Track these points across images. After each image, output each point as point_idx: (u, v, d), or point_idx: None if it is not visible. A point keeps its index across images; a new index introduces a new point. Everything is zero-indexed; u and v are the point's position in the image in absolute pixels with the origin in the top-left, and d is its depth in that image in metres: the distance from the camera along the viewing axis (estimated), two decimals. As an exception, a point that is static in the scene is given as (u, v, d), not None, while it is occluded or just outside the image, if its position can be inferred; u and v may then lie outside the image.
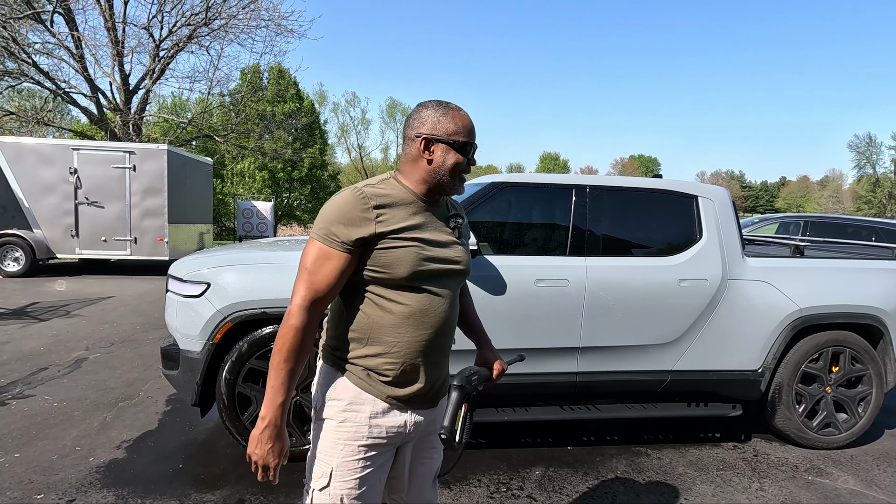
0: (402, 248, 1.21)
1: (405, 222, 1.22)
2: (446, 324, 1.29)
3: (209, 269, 2.83)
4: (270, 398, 1.19)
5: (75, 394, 3.79)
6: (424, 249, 1.24)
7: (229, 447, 3.01)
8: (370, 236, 1.19)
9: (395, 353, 1.24)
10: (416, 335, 1.25)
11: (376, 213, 1.19)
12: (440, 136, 1.25)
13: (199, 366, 2.76)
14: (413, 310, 1.24)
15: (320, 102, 33.69)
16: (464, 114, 1.29)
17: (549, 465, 2.95)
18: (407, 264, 1.21)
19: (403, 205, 1.24)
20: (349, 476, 1.24)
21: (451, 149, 1.26)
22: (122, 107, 13.93)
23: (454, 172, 1.27)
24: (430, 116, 1.27)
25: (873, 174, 57.97)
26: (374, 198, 1.20)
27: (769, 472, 2.98)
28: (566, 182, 3.12)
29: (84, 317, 6.32)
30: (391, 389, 1.26)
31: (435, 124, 1.26)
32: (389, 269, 1.21)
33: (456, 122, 1.26)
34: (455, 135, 1.26)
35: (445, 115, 1.27)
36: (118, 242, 9.96)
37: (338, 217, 1.19)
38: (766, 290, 3.15)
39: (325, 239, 1.19)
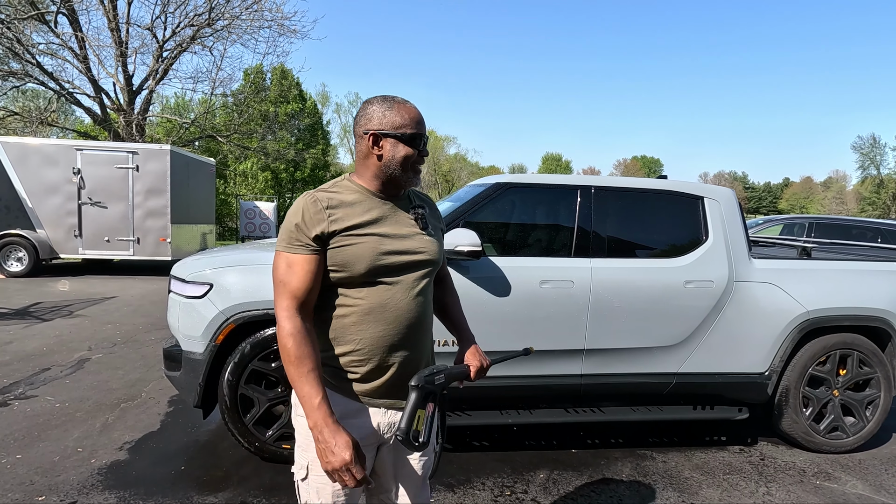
0: (358, 244, 1.23)
1: (359, 219, 1.24)
2: (411, 317, 1.28)
3: (212, 269, 2.82)
4: (307, 404, 1.17)
5: (77, 394, 3.79)
6: (383, 243, 1.25)
7: (231, 449, 3.00)
8: (325, 234, 1.22)
9: (360, 351, 1.26)
10: (379, 331, 1.25)
11: (329, 212, 1.23)
12: (387, 131, 1.25)
13: (201, 367, 2.75)
14: (372, 305, 1.25)
15: (323, 103, 33.74)
16: (410, 106, 1.29)
17: (554, 468, 2.93)
18: (365, 260, 1.22)
19: (357, 203, 1.27)
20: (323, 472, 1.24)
21: (399, 142, 1.26)
22: (126, 107, 13.97)
23: (405, 165, 1.27)
24: (377, 112, 1.27)
25: (877, 175, 57.73)
26: (324, 200, 1.24)
27: (776, 476, 2.95)
28: (571, 183, 3.10)
29: (87, 317, 6.32)
30: (362, 386, 1.28)
31: (381, 119, 1.26)
32: (348, 267, 1.22)
33: (402, 114, 1.26)
34: (402, 127, 1.26)
35: (391, 109, 1.27)
36: (121, 243, 9.97)
37: (294, 224, 1.23)
38: (773, 291, 3.12)
39: (288, 248, 1.23)
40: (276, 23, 14.08)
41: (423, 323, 1.33)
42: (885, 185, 55.37)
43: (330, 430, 1.15)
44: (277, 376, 2.79)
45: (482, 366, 1.39)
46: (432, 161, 42.25)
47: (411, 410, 1.21)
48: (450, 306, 1.54)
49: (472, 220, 2.98)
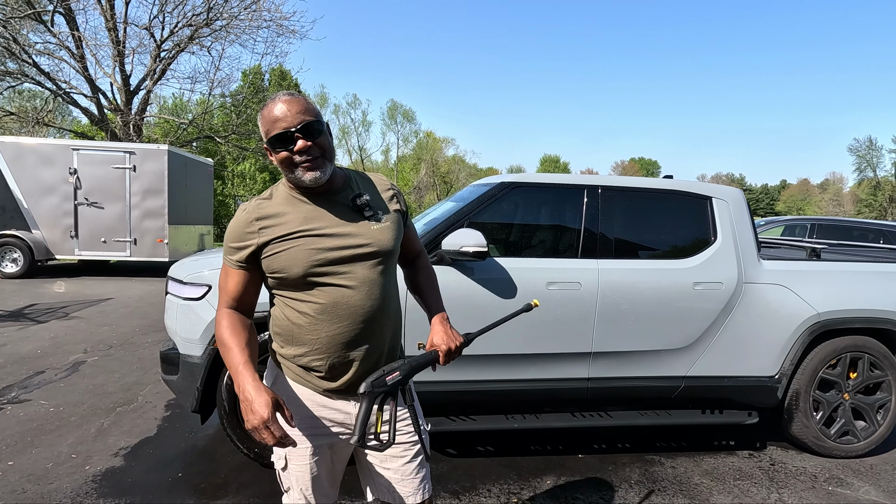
0: (291, 248, 1.21)
1: (291, 224, 1.23)
2: (366, 312, 1.25)
3: (211, 270, 2.75)
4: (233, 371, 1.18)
5: (72, 398, 3.70)
6: (318, 242, 1.22)
7: (230, 455, 2.92)
8: (257, 247, 1.23)
9: (319, 350, 1.26)
10: (334, 329, 1.24)
11: (259, 224, 1.24)
12: (265, 141, 1.23)
13: (199, 371, 2.68)
14: (324, 306, 1.23)
15: (321, 104, 33.68)
16: (271, 105, 1.20)
17: (560, 473, 2.86)
18: (300, 262, 1.21)
19: (288, 206, 1.26)
20: (301, 461, 1.32)
21: (271, 150, 1.23)
22: (123, 107, 13.88)
23: (288, 167, 1.22)
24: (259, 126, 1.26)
25: (874, 177, 57.94)
26: (256, 210, 1.25)
27: (787, 482, 2.89)
28: (577, 182, 3.04)
29: (82, 319, 6.23)
30: (326, 383, 1.29)
31: (261, 130, 1.24)
32: (285, 271, 1.22)
33: (265, 119, 1.21)
34: (267, 133, 1.21)
35: (260, 118, 1.24)
36: (118, 243, 9.88)
37: (229, 238, 1.27)
38: (783, 293, 3.07)
39: (224, 258, 1.30)
40: (275, 23, 14.03)
41: (382, 315, 1.28)
42: (882, 188, 55.57)
43: (252, 388, 1.14)
44: (278, 380, 2.72)
45: (451, 348, 1.31)
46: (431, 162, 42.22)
47: (363, 418, 1.20)
48: (421, 285, 1.49)
49: (477, 221, 2.92)
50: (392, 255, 1.31)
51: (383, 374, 1.24)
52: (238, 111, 16.87)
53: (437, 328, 1.36)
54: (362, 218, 1.28)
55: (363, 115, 43.77)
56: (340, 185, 1.30)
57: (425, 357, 1.31)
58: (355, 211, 1.28)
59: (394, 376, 1.24)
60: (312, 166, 1.21)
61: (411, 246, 1.50)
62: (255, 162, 24.04)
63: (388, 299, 1.30)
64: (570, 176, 3.15)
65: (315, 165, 1.21)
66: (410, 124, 44.31)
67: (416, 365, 1.28)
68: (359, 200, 1.28)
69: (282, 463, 1.35)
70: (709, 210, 3.13)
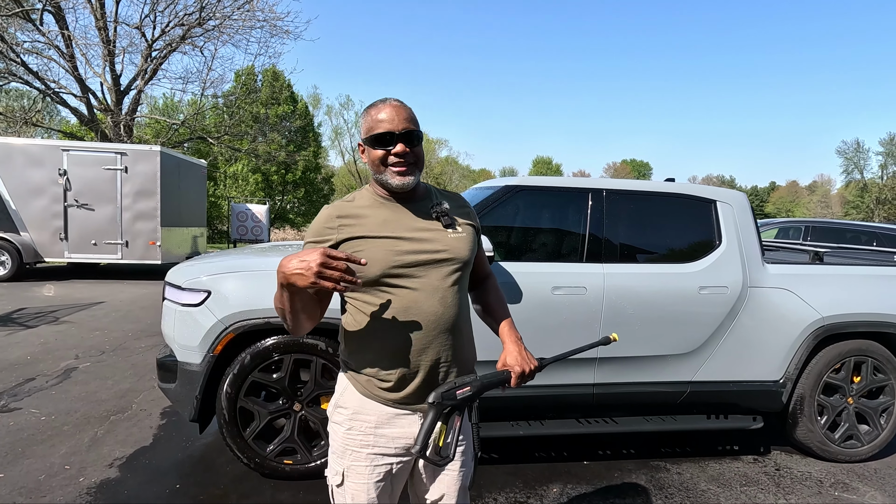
0: (371, 248, 1.23)
1: (371, 225, 1.26)
2: (438, 319, 1.24)
3: (210, 276, 2.68)
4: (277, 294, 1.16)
5: (64, 406, 3.61)
6: (396, 244, 1.24)
7: (229, 464, 2.85)
8: (335, 243, 1.25)
9: (387, 357, 1.25)
10: (406, 336, 1.23)
11: (339, 221, 1.27)
12: (363, 137, 1.28)
13: (198, 379, 2.61)
14: (395, 310, 1.23)
15: (314, 105, 33.51)
16: (380, 105, 1.26)
17: (567, 481, 2.82)
18: (378, 262, 1.21)
19: (371, 208, 1.29)
20: (360, 479, 1.28)
21: (368, 146, 1.27)
22: (113, 107, 13.68)
23: (378, 167, 1.26)
24: (362, 122, 1.30)
25: (861, 179, 58.74)
26: (339, 209, 1.29)
27: (794, 487, 2.87)
28: (582, 185, 3.01)
29: (73, 323, 6.11)
30: (394, 395, 1.26)
31: (362, 128, 1.29)
32: (360, 272, 1.20)
33: (371, 118, 1.26)
34: (370, 131, 1.26)
35: (365, 115, 1.28)
36: (109, 246, 9.72)
37: (310, 234, 1.30)
38: (788, 297, 3.05)
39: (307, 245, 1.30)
40: (269, 23, 13.90)
41: (454, 325, 1.27)
42: (869, 189, 56.35)
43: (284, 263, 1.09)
44: (279, 388, 2.65)
45: (525, 371, 1.29)
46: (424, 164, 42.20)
47: (428, 428, 1.18)
48: (492, 304, 1.47)
49: (482, 224, 2.87)
50: (467, 266, 1.32)
51: (454, 387, 1.22)
52: (231, 112, 16.72)
53: (511, 348, 1.34)
54: (440, 226, 1.31)
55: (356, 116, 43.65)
56: (422, 195, 1.35)
57: (497, 376, 1.27)
58: (433, 219, 1.31)
59: (464, 391, 1.22)
60: (404, 171, 1.25)
61: (482, 267, 1.50)
62: (248, 163, 23.84)
63: (460, 309, 1.30)
64: (575, 179, 3.12)
65: (406, 171, 1.25)
66: (404, 125, 44.23)
67: (487, 383, 1.25)
68: (438, 209, 1.32)
69: (338, 479, 1.30)
70: (713, 213, 3.11)
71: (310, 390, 2.68)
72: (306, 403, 2.69)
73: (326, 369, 2.67)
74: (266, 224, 14.75)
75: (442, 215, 1.31)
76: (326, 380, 2.68)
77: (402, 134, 1.23)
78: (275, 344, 2.62)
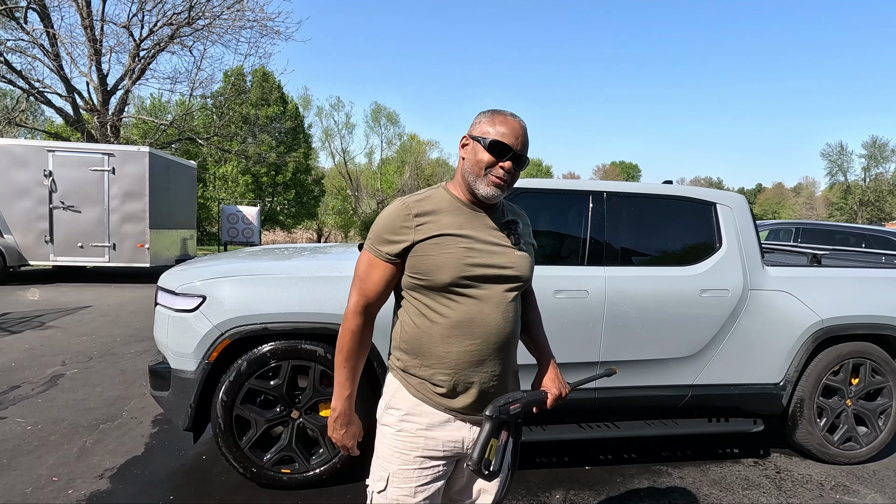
0: (444, 253, 1.22)
1: (446, 228, 1.24)
2: (499, 333, 1.26)
3: (205, 280, 2.61)
4: (338, 392, 1.31)
5: (51, 415, 3.50)
6: (469, 253, 1.23)
7: (224, 474, 2.77)
8: (411, 244, 1.23)
9: (447, 365, 1.25)
10: (466, 346, 1.24)
11: (416, 221, 1.23)
12: (475, 135, 1.27)
13: (193, 387, 2.53)
14: (459, 318, 1.23)
15: (304, 106, 33.27)
16: (507, 118, 1.27)
17: (570, 487, 2.79)
18: (449, 269, 1.21)
19: (447, 211, 1.27)
20: (405, 483, 1.27)
21: (479, 145, 1.25)
22: (100, 108, 13.45)
23: (478, 170, 1.25)
24: (476, 120, 1.30)
25: (844, 182, 59.70)
26: (415, 206, 1.26)
27: (795, 490, 2.86)
28: (583, 188, 2.98)
29: (59, 328, 5.96)
30: (447, 401, 1.27)
31: (476, 125, 1.29)
32: (431, 275, 1.22)
33: (495, 123, 1.25)
34: (487, 134, 1.25)
35: (488, 117, 1.28)
36: (96, 249, 9.53)
37: (383, 228, 1.25)
38: (788, 300, 3.05)
39: (372, 249, 1.27)
40: (259, 23, 13.77)
41: (511, 340, 1.30)
42: (852, 191, 57.30)
43: (348, 419, 1.33)
44: (276, 395, 2.59)
45: (561, 394, 1.35)
46: (415, 165, 42.11)
47: (484, 441, 1.19)
48: (532, 323, 1.48)
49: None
50: (527, 284, 1.34)
51: (508, 401, 1.23)
52: (220, 113, 16.52)
53: (550, 372, 1.39)
54: (509, 242, 1.31)
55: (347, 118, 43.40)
56: (496, 206, 1.34)
57: (536, 396, 1.30)
58: (505, 233, 1.31)
59: (515, 406, 1.23)
60: (499, 185, 1.24)
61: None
62: (237, 164, 23.60)
63: (517, 327, 1.32)
64: (576, 181, 3.09)
65: (501, 186, 1.25)
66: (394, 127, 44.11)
67: (530, 401, 1.28)
68: (511, 225, 1.33)
69: (381, 485, 1.29)
70: (713, 216, 3.10)
71: (308, 397, 2.61)
72: (304, 411, 2.62)
73: (325, 375, 2.61)
74: (257, 226, 14.60)
75: (513, 232, 1.32)
76: (325, 386, 2.62)
77: (517, 154, 1.25)
78: (272, 350, 2.56)
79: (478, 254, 1.24)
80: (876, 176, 55.85)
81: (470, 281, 1.23)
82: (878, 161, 55.59)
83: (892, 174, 56.75)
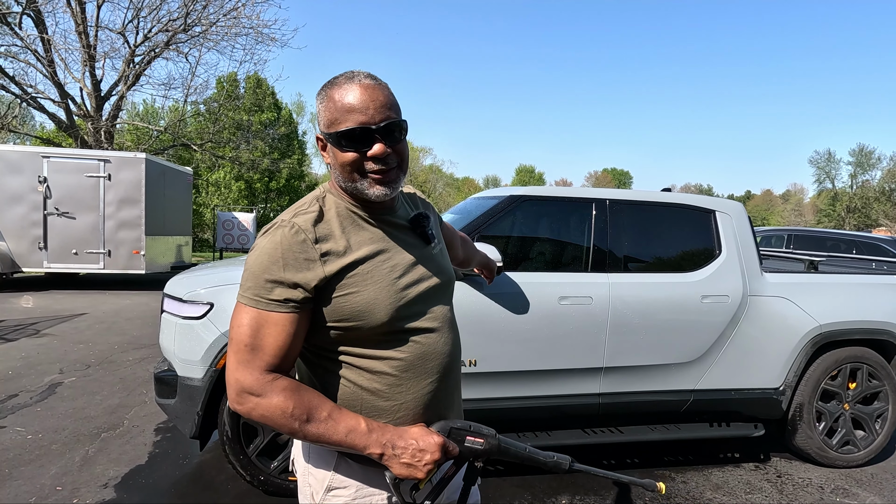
0: (370, 284, 0.92)
1: (358, 250, 0.93)
2: (452, 357, 1.02)
3: (212, 287, 2.61)
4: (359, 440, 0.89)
5: (51, 424, 3.47)
6: (394, 275, 0.95)
7: (230, 482, 2.77)
8: (322, 281, 0.89)
9: (403, 417, 0.97)
10: (423, 387, 0.98)
11: (319, 248, 0.89)
12: (323, 131, 0.94)
13: (200, 394, 2.53)
14: (411, 359, 0.96)
15: (298, 113, 33.31)
16: (347, 84, 0.91)
17: (575, 492, 2.81)
18: (382, 303, 0.91)
19: (349, 227, 0.95)
20: None
21: (333, 145, 0.93)
22: (94, 113, 13.38)
23: (349, 175, 0.93)
24: (317, 106, 0.95)
25: (832, 188, 60.51)
26: (310, 228, 0.90)
27: (797, 494, 2.90)
28: (586, 196, 3.03)
29: (55, 336, 5.90)
30: None
31: (319, 116, 0.95)
32: (363, 318, 0.91)
33: (335, 104, 0.90)
34: (334, 124, 0.91)
35: (324, 99, 0.93)
36: (90, 255, 9.45)
37: (270, 266, 0.87)
38: (786, 306, 3.11)
39: (256, 300, 0.88)
40: (255, 30, 13.80)
41: (459, 359, 1.07)
42: (840, 198, 58.10)
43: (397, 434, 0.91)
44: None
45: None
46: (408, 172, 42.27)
47: None
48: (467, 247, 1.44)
49: (487, 234, 2.87)
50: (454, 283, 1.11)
51: (469, 429, 0.98)
52: (214, 118, 16.49)
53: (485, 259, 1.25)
54: (424, 242, 1.04)
55: (341, 124, 43.54)
56: (397, 202, 1.05)
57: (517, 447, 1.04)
58: (416, 234, 1.03)
59: (476, 441, 0.98)
60: (385, 179, 0.93)
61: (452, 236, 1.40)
62: (231, 170, 23.53)
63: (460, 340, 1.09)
64: (579, 189, 3.14)
65: (388, 178, 0.93)
66: (388, 134, 44.33)
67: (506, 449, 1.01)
68: (422, 221, 1.04)
69: None
70: (713, 223, 3.16)
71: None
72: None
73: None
74: (253, 232, 14.54)
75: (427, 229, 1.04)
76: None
77: (382, 128, 0.90)
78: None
79: (403, 272, 0.96)
80: (863, 183, 56.69)
81: (410, 308, 0.95)
82: (864, 168, 56.46)
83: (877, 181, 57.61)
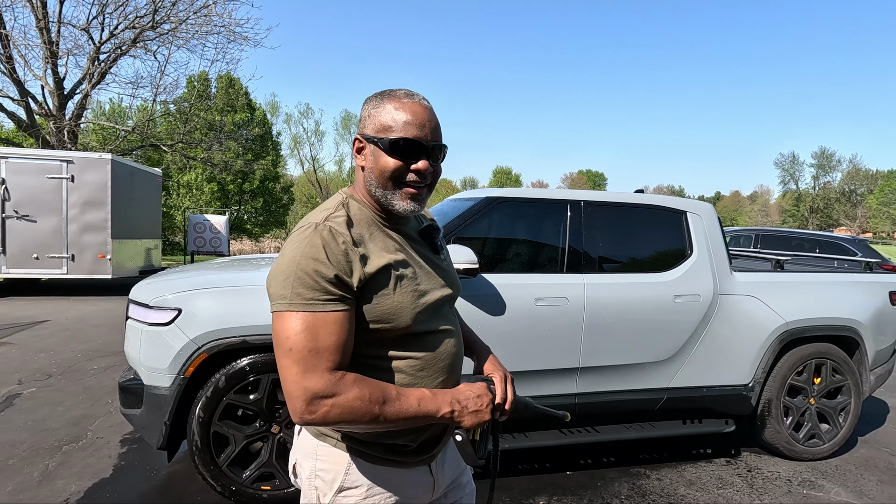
0: (398, 287, 0.98)
1: (385, 255, 0.98)
2: (458, 361, 1.12)
3: (180, 293, 2.53)
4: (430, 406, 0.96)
5: (8, 437, 3.30)
6: (415, 282, 1.01)
7: (200, 493, 2.68)
8: (360, 284, 0.93)
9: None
10: (435, 384, 1.05)
11: (358, 251, 0.95)
12: (369, 134, 0.99)
13: (167, 403, 2.44)
14: (426, 360, 1.03)
15: (273, 113, 32.76)
16: (406, 101, 0.98)
17: (553, 493, 2.82)
18: (407, 307, 0.98)
19: (376, 233, 1.01)
20: None
21: (378, 149, 0.97)
22: (56, 112, 12.87)
23: (385, 182, 0.98)
24: (366, 112, 1.01)
25: (796, 190, 62.73)
26: (345, 231, 0.95)
27: (766, 487, 2.98)
28: (561, 197, 3.05)
29: (14, 345, 5.63)
30: (422, 455, 1.08)
31: (367, 121, 1.00)
32: (390, 320, 0.97)
33: (390, 114, 0.97)
34: (386, 130, 0.97)
35: (380, 104, 0.99)
36: (52, 260, 9.07)
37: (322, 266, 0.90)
38: (754, 304, 3.19)
39: (313, 304, 0.89)
40: (227, 29, 13.50)
41: (462, 358, 1.16)
42: (803, 199, 60.23)
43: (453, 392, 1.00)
44: (256, 410, 2.52)
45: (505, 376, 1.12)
46: (386, 173, 42.01)
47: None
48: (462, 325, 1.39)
49: (463, 236, 2.86)
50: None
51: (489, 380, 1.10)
52: (184, 119, 16.07)
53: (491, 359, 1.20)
54: (436, 253, 1.11)
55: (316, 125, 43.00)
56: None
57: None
58: (428, 245, 1.11)
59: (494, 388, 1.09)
60: (417, 195, 1.00)
61: None
62: (203, 172, 22.97)
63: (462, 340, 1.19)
64: (554, 191, 3.16)
65: (420, 195, 1.01)
66: (365, 135, 44.03)
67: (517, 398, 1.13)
68: (431, 232, 1.11)
69: None
70: (684, 224, 3.22)
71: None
72: (285, 425, 2.57)
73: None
74: (226, 235, 14.21)
75: (436, 241, 1.12)
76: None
77: (431, 147, 0.98)
78: (251, 363, 2.49)
79: (422, 280, 1.03)
80: (824, 185, 58.93)
81: (427, 314, 1.02)
82: (826, 170, 58.72)
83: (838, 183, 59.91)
